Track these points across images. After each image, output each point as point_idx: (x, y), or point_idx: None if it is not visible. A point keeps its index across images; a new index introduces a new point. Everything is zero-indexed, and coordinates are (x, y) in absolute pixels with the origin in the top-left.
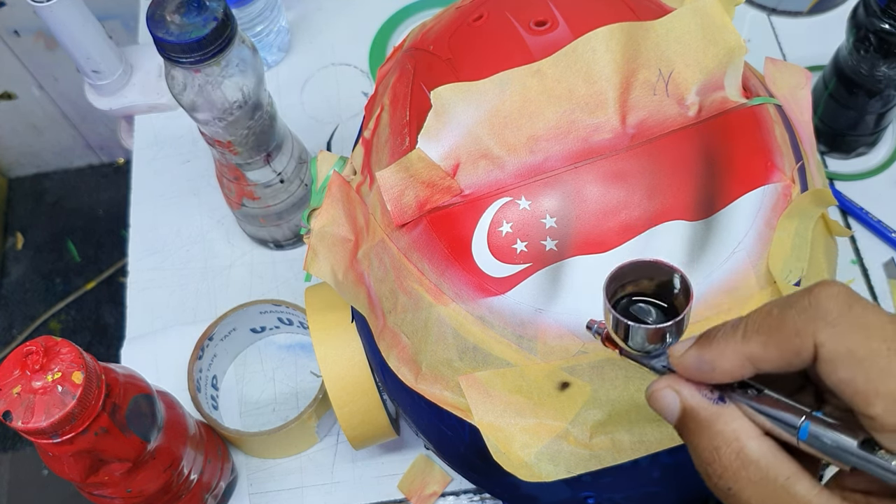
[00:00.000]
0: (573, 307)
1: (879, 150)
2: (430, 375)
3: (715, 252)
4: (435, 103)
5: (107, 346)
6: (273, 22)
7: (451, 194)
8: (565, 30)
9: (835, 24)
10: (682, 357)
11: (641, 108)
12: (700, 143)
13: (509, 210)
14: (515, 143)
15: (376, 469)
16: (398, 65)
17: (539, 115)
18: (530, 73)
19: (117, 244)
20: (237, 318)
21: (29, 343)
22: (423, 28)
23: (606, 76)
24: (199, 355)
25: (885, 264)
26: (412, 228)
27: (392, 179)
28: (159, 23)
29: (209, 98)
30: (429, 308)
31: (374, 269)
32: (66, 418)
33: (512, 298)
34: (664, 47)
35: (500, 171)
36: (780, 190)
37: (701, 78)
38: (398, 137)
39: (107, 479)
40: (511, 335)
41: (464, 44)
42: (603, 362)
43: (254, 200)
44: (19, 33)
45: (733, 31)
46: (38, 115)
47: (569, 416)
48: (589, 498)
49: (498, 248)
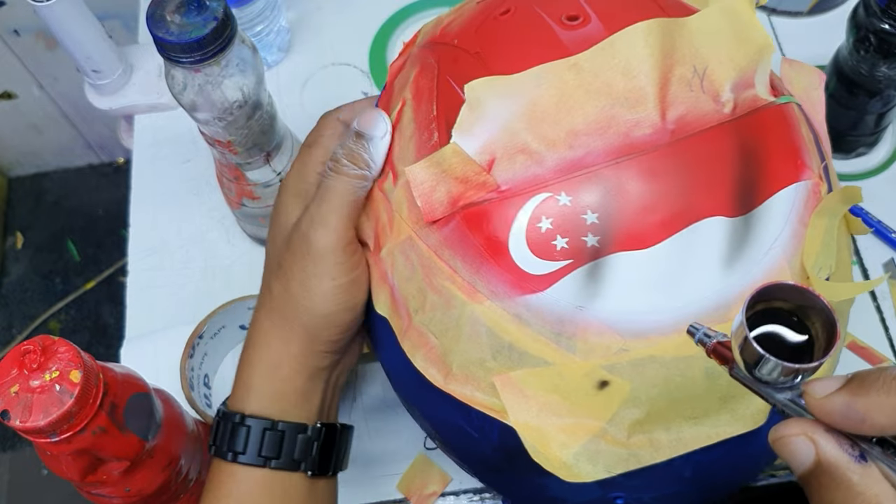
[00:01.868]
0: (615, 304)
1: (879, 151)
2: (461, 375)
3: (754, 248)
4: (469, 97)
5: (106, 346)
6: (273, 22)
7: (487, 190)
8: (598, 25)
9: (835, 25)
10: (825, 400)
11: (680, 103)
12: (737, 139)
13: (549, 206)
14: (554, 137)
15: (375, 469)
16: (417, 60)
17: (578, 109)
18: (567, 66)
19: (117, 244)
20: (226, 315)
21: (26, 342)
22: (439, 23)
23: (646, 71)
24: (191, 353)
25: (885, 264)
26: (443, 225)
27: (423, 175)
28: (159, 22)
29: (209, 98)
30: (461, 306)
31: (398, 268)
32: (65, 417)
33: (551, 296)
34: (697, 44)
35: (538, 166)
36: (811, 187)
37: (734, 75)
38: (424, 133)
39: (105, 478)
40: (549, 333)
41: (493, 37)
42: (644, 360)
43: (254, 200)
44: (19, 33)
45: (761, 29)
46: (38, 115)
47: (607, 415)
48: (618, 498)
49: (537, 245)
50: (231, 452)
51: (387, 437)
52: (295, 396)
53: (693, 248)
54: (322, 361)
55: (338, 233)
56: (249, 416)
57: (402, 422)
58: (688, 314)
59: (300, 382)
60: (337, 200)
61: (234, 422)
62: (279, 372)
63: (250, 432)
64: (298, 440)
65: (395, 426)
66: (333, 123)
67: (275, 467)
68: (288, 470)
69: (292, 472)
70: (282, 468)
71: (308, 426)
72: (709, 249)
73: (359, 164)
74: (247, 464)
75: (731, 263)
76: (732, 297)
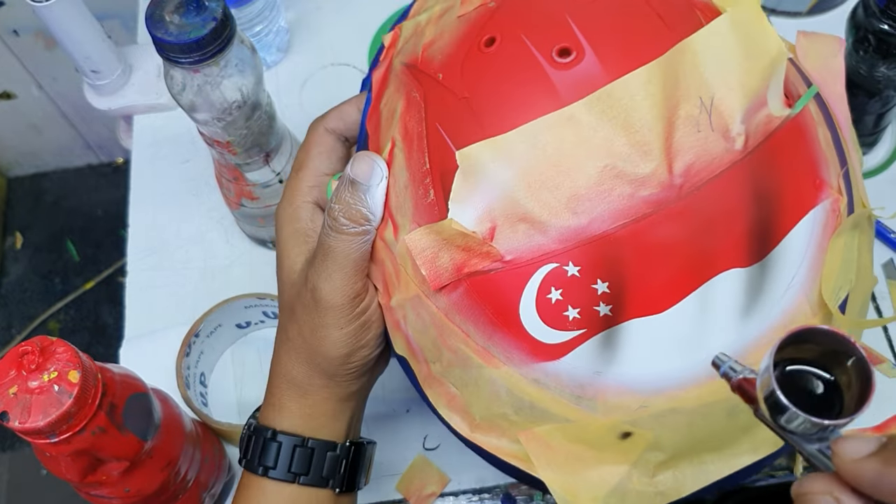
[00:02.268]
0: (633, 368)
1: (878, 151)
2: (486, 426)
3: (771, 293)
4: (462, 165)
5: (105, 346)
6: (272, 22)
7: (491, 259)
8: (593, 61)
9: (834, 25)
10: (856, 465)
11: (687, 150)
12: (750, 179)
13: (557, 276)
14: (556, 204)
15: (374, 469)
16: (402, 86)
17: (578, 170)
18: (562, 120)
19: (116, 244)
20: (222, 313)
21: (25, 343)
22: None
23: (648, 124)
24: (187, 352)
25: (885, 265)
26: (451, 290)
27: (423, 242)
28: (158, 23)
29: (208, 98)
30: (479, 368)
31: (411, 320)
32: (63, 418)
33: (568, 363)
34: (703, 69)
35: (542, 235)
36: (830, 207)
37: (745, 102)
38: (420, 187)
39: (104, 478)
40: (569, 396)
41: (480, 79)
42: (665, 412)
43: (253, 200)
44: (18, 33)
45: (774, 35)
46: (38, 115)
47: (631, 458)
48: None
49: (549, 316)
50: (262, 467)
51: (386, 438)
52: (325, 418)
53: (709, 306)
54: (348, 389)
55: (343, 289)
56: (281, 432)
57: (401, 422)
58: (706, 369)
59: (329, 406)
60: (341, 259)
61: (266, 437)
62: (307, 399)
63: (281, 448)
64: (328, 458)
65: (394, 427)
66: (321, 139)
67: (303, 483)
68: (316, 486)
69: (320, 488)
70: (310, 484)
71: (337, 444)
72: (725, 304)
73: (358, 220)
74: (276, 479)
75: (749, 313)
76: (750, 342)
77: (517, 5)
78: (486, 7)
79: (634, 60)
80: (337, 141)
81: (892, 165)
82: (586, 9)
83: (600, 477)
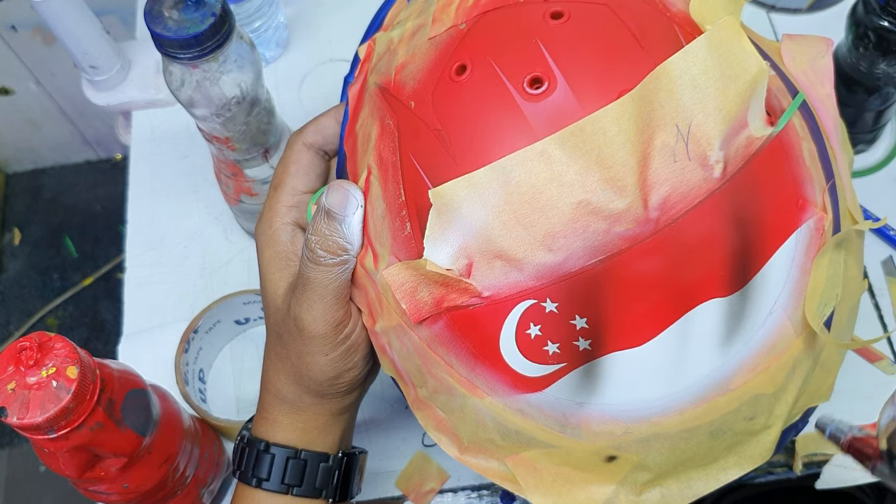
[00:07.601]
0: (614, 399)
1: (878, 148)
2: (474, 449)
3: (752, 319)
4: (436, 203)
5: (104, 343)
6: (271, 18)
7: (469, 295)
8: (565, 91)
9: (834, 22)
10: None
11: (663, 182)
12: (729, 206)
13: (535, 312)
14: (531, 241)
15: (373, 466)
16: (376, 110)
17: (552, 206)
18: (535, 155)
19: (114, 240)
20: (221, 309)
21: (22, 339)
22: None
23: (622, 159)
24: (186, 348)
25: (884, 262)
26: (432, 323)
27: (401, 277)
28: (157, 18)
29: (207, 94)
30: (463, 398)
31: (395, 346)
32: (62, 413)
33: (550, 395)
34: (680, 96)
35: (518, 272)
36: (813, 226)
37: (723, 127)
38: (396, 219)
39: (103, 474)
40: (554, 424)
41: (451, 109)
42: (649, 437)
43: (251, 197)
44: (16, 28)
45: (753, 54)
46: (36, 111)
47: (617, 478)
48: None
49: (528, 351)
50: (255, 478)
51: (384, 435)
52: (317, 432)
53: (688, 337)
54: (339, 405)
55: (325, 319)
56: (274, 444)
57: (400, 419)
58: (688, 396)
59: (321, 421)
60: (320, 290)
61: (259, 449)
62: (300, 415)
63: (274, 460)
64: (321, 469)
65: (393, 423)
66: (298, 155)
67: (297, 494)
68: (309, 497)
69: (313, 499)
70: (303, 496)
71: (330, 455)
72: (705, 334)
73: (335, 251)
74: (270, 490)
75: (730, 341)
76: (731, 370)
77: (487, 28)
78: (456, 29)
79: (608, 90)
80: (315, 156)
81: (891, 162)
82: (558, 32)
83: (588, 496)
